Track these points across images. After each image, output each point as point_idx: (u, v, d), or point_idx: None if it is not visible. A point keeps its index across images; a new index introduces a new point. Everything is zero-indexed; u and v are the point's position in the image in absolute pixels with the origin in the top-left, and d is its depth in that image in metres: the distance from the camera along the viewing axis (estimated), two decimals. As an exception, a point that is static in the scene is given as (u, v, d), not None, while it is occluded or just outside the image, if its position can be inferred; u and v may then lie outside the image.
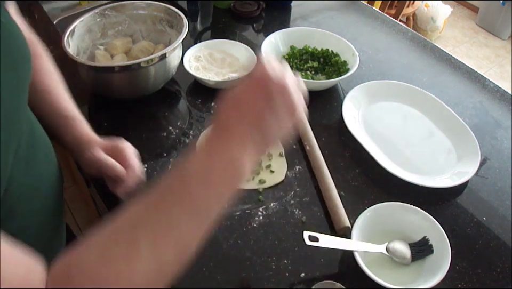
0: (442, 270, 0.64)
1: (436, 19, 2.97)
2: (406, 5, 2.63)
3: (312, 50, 1.05)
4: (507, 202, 0.79)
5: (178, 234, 0.41)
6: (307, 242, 0.64)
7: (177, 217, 0.42)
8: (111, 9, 0.99)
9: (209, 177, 0.44)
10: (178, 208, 0.42)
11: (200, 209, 0.43)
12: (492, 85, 1.05)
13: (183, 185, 0.43)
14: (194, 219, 0.43)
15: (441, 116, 0.92)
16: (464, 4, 3.48)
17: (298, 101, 0.50)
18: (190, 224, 0.42)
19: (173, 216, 0.41)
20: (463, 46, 3.12)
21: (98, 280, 0.37)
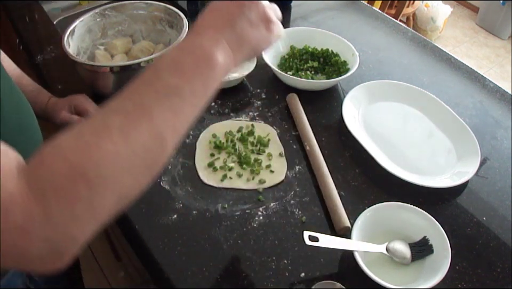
0: (442, 270, 0.64)
1: (436, 20, 2.97)
2: (406, 5, 2.63)
3: (312, 50, 1.05)
4: (507, 202, 0.79)
5: (150, 122, 0.41)
6: (307, 242, 0.64)
7: (149, 104, 0.42)
8: (111, 9, 0.99)
9: (180, 67, 0.45)
10: (151, 95, 0.43)
11: (173, 96, 0.43)
12: (491, 84, 1.05)
13: (156, 76, 0.44)
14: (166, 106, 0.43)
15: (441, 116, 0.92)
16: (464, 4, 3.48)
17: (272, 14, 0.54)
18: (162, 112, 0.42)
19: (144, 103, 0.42)
20: (463, 46, 3.12)
21: (70, 155, 0.38)
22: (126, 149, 0.40)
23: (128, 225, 0.73)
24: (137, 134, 0.40)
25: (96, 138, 0.39)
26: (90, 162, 0.38)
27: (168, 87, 0.44)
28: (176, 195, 0.77)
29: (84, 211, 0.38)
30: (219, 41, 0.48)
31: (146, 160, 0.42)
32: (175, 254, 0.69)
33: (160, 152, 0.43)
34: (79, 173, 0.37)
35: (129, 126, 0.40)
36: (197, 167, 0.82)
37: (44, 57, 1.04)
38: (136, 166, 0.41)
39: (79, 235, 0.38)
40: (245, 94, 0.98)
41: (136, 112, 0.41)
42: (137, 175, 0.42)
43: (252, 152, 0.85)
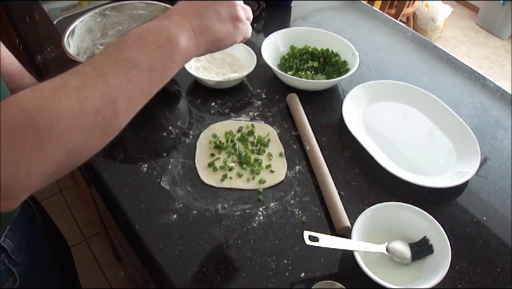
0: (442, 270, 0.64)
1: (436, 19, 2.97)
2: (406, 5, 2.63)
3: (312, 50, 1.05)
4: (507, 202, 0.79)
5: (105, 86, 0.45)
6: (307, 242, 0.64)
7: (107, 71, 0.45)
8: (111, 9, 0.99)
9: (143, 43, 0.48)
10: (110, 64, 0.46)
11: (130, 68, 0.46)
12: (491, 84, 1.05)
13: (118, 47, 0.48)
14: (123, 75, 0.46)
15: (441, 116, 0.92)
16: (464, 4, 3.48)
17: (242, 13, 0.58)
18: (118, 79, 0.46)
19: (103, 68, 0.46)
20: (463, 46, 3.12)
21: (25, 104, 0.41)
22: (78, 107, 0.43)
23: (128, 225, 0.73)
24: (90, 95, 0.44)
25: (53, 94, 0.42)
26: (43, 113, 0.41)
27: (128, 59, 0.47)
28: (176, 195, 0.77)
29: (31, 157, 0.41)
30: (185, 27, 0.51)
31: (96, 121, 0.44)
32: (175, 254, 0.69)
33: (111, 116, 0.46)
34: (31, 121, 0.40)
35: (85, 87, 0.44)
36: (197, 167, 0.82)
37: (44, 57, 1.04)
38: (86, 125, 0.44)
39: (24, 179, 0.41)
40: (245, 94, 0.98)
41: (93, 76, 0.45)
42: (86, 134, 0.44)
43: (252, 152, 0.85)
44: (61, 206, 1.92)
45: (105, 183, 0.79)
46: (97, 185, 0.81)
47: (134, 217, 0.73)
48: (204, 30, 0.53)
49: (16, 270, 0.73)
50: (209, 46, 0.55)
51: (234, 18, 0.56)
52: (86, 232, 1.84)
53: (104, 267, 1.73)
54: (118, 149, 0.84)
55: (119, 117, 0.47)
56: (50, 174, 0.43)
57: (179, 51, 0.51)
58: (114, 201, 0.76)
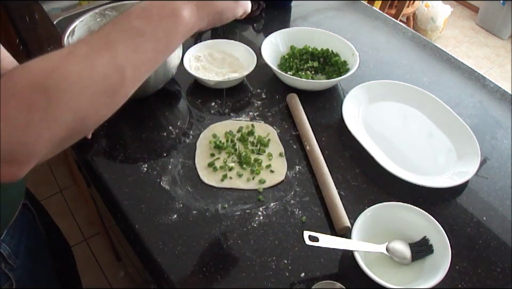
0: (442, 270, 0.64)
1: (436, 20, 2.97)
2: (406, 5, 2.63)
3: (312, 50, 1.05)
4: (507, 202, 0.79)
5: (113, 53, 0.46)
6: (307, 242, 0.64)
7: (114, 39, 0.47)
8: (111, 9, 0.99)
9: (148, 14, 0.50)
10: (117, 33, 0.48)
11: (136, 37, 0.48)
12: (491, 84, 1.05)
13: (125, 19, 0.49)
14: (129, 44, 0.48)
15: (441, 116, 0.92)
16: (464, 4, 3.48)
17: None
18: (125, 48, 0.47)
19: (111, 38, 0.47)
20: (463, 46, 3.12)
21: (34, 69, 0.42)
22: (86, 72, 0.44)
23: (128, 225, 0.73)
24: (99, 62, 0.45)
25: (61, 60, 0.44)
26: (52, 78, 0.42)
27: (134, 29, 0.49)
28: (176, 195, 0.77)
29: (39, 120, 0.41)
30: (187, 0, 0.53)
31: (104, 87, 0.46)
32: (175, 254, 0.69)
33: (118, 83, 0.47)
34: (40, 85, 0.41)
35: (92, 53, 0.45)
36: (197, 167, 0.82)
37: (44, 57, 1.04)
38: (94, 90, 0.45)
39: (33, 143, 0.42)
40: (245, 94, 0.98)
41: (100, 44, 0.46)
42: (94, 99, 0.45)
43: (252, 152, 0.85)
44: (61, 206, 1.92)
45: (105, 183, 0.79)
46: (97, 185, 0.81)
47: (134, 217, 0.73)
48: (206, 3, 0.56)
49: (13, 275, 0.73)
50: (212, 18, 0.57)
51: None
52: (86, 232, 1.84)
53: (104, 267, 1.73)
54: (118, 149, 0.84)
55: (126, 85, 0.48)
56: (58, 140, 0.44)
57: (182, 23, 0.53)
58: (114, 201, 0.76)
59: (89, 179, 0.87)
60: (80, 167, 0.98)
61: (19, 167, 0.43)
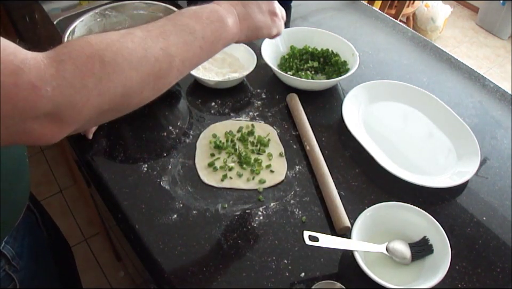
0: (442, 270, 0.64)
1: (436, 20, 2.97)
2: (406, 5, 2.63)
3: (312, 50, 1.05)
4: (507, 202, 0.79)
5: (166, 41, 0.51)
6: (307, 242, 0.64)
7: (168, 30, 0.52)
8: (111, 9, 0.99)
9: (198, 15, 0.56)
10: (170, 26, 0.53)
11: (187, 33, 0.54)
12: (491, 84, 1.05)
13: (177, 16, 0.56)
14: (181, 37, 0.53)
15: (441, 116, 0.92)
16: (464, 4, 3.48)
17: (279, 11, 0.68)
18: (177, 39, 0.52)
19: (165, 29, 0.52)
20: (463, 46, 3.12)
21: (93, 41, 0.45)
22: (141, 51, 0.48)
23: (128, 225, 0.73)
24: (153, 45, 0.50)
25: (120, 37, 0.48)
26: (110, 50, 0.46)
27: (186, 25, 0.54)
28: (176, 195, 0.77)
29: (92, 85, 0.44)
30: (232, 11, 0.60)
31: (154, 68, 0.50)
32: (175, 254, 0.69)
33: (166, 69, 0.51)
34: (98, 54, 0.45)
35: (148, 38, 0.50)
36: (197, 167, 0.82)
37: (44, 57, 1.04)
38: (145, 69, 0.49)
39: (81, 106, 0.44)
40: (245, 94, 0.98)
41: (156, 32, 0.51)
42: (144, 78, 0.49)
43: (252, 152, 0.85)
44: (61, 206, 1.92)
45: (105, 183, 0.79)
46: (97, 185, 0.81)
47: (134, 217, 0.73)
48: (247, 17, 0.62)
49: (16, 276, 0.73)
50: (250, 32, 0.64)
51: (272, 13, 0.66)
52: (86, 232, 1.84)
53: (104, 267, 1.73)
54: (118, 149, 0.84)
55: (172, 73, 0.53)
56: (102, 111, 0.47)
57: (227, 29, 0.59)
58: (114, 201, 0.76)
59: (89, 179, 0.87)
60: (80, 167, 0.98)
61: (61, 126, 0.44)
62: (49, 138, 0.45)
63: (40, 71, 0.41)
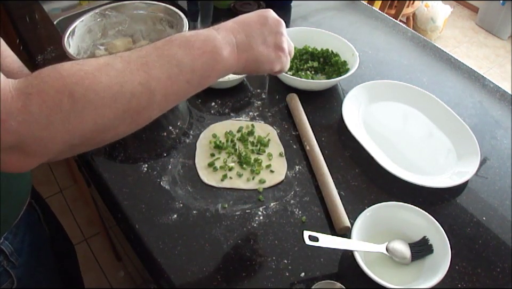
0: (442, 269, 0.64)
1: (436, 20, 2.97)
2: (406, 5, 2.63)
3: (312, 50, 1.05)
4: (507, 202, 0.79)
5: (146, 75, 0.46)
6: (307, 242, 0.64)
7: (151, 62, 0.47)
8: (111, 9, 0.99)
9: (190, 45, 0.51)
10: (155, 56, 0.48)
11: (173, 66, 0.49)
12: (491, 84, 1.05)
13: (166, 45, 0.50)
14: (165, 70, 0.48)
15: (441, 116, 0.92)
16: (464, 4, 3.48)
17: (286, 46, 0.61)
18: (160, 73, 0.47)
19: (148, 60, 0.47)
20: (463, 46, 3.12)
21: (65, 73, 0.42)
22: (116, 87, 0.44)
23: (128, 225, 0.73)
24: (131, 79, 0.45)
25: (96, 70, 0.44)
26: (82, 85, 0.42)
27: (172, 56, 0.49)
28: (176, 195, 0.77)
29: (59, 122, 0.41)
30: (230, 41, 0.54)
31: (130, 105, 0.46)
32: (175, 254, 0.69)
33: (145, 105, 0.47)
34: (68, 89, 0.41)
35: (127, 70, 0.45)
36: (197, 167, 0.82)
37: (44, 57, 1.04)
38: (120, 106, 0.45)
39: (48, 142, 0.42)
40: (245, 94, 0.98)
41: (137, 64, 0.47)
42: (118, 115, 0.45)
43: (252, 152, 0.85)
44: (61, 206, 1.92)
45: (105, 183, 0.79)
46: (97, 185, 0.81)
47: (134, 217, 0.73)
48: (248, 48, 0.56)
49: (15, 272, 0.73)
50: (249, 65, 0.57)
51: (278, 47, 0.59)
52: (86, 231, 1.84)
53: (104, 267, 1.73)
54: (118, 149, 0.84)
55: (152, 109, 0.49)
56: (72, 145, 0.44)
57: (221, 61, 0.53)
58: (114, 201, 0.76)
59: (89, 179, 0.87)
60: (80, 167, 0.98)
61: (27, 159, 0.43)
62: (18, 168, 0.43)
63: (6, 104, 0.39)
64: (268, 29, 0.58)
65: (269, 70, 0.61)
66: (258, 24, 0.58)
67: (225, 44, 0.53)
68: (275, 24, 0.60)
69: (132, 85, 0.45)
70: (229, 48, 0.54)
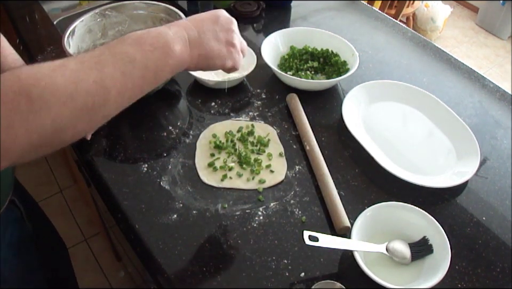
0: (442, 269, 0.64)
1: (436, 20, 2.97)
2: (406, 5, 2.63)
3: (312, 50, 1.05)
4: (507, 202, 0.79)
5: (100, 74, 0.48)
6: (307, 242, 0.64)
7: (105, 61, 0.49)
8: (111, 9, 0.99)
9: (141, 42, 0.52)
10: (108, 55, 0.50)
11: (126, 62, 0.50)
12: (491, 84, 1.05)
13: (118, 43, 0.52)
14: (118, 68, 0.49)
15: (441, 116, 0.92)
16: (464, 4, 3.48)
17: (238, 43, 0.64)
18: (113, 70, 0.49)
19: (101, 59, 0.49)
20: (463, 46, 3.12)
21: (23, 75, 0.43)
22: (72, 86, 0.45)
23: (128, 225, 0.73)
24: (85, 78, 0.46)
25: (50, 71, 0.45)
26: (38, 85, 0.43)
27: (124, 54, 0.50)
28: (176, 195, 0.77)
29: (19, 123, 0.42)
30: (182, 36, 0.56)
31: (86, 103, 0.47)
32: (175, 254, 0.69)
33: (101, 103, 0.48)
34: (25, 90, 0.42)
35: (81, 70, 0.47)
36: (197, 167, 0.82)
37: (44, 57, 1.04)
38: (76, 105, 0.46)
39: (9, 144, 0.42)
40: (245, 94, 0.98)
41: (90, 63, 0.48)
42: (75, 114, 0.46)
43: (252, 152, 0.85)
44: (61, 206, 1.92)
45: (105, 183, 0.79)
46: (97, 185, 0.81)
47: (134, 217, 0.73)
48: (199, 43, 0.58)
49: None
50: (201, 60, 0.59)
51: (229, 43, 0.62)
52: (86, 232, 1.84)
53: (104, 267, 1.73)
54: (118, 149, 0.84)
55: (108, 106, 0.49)
56: (33, 147, 0.44)
57: (173, 56, 0.54)
58: (114, 201, 0.76)
59: (89, 179, 0.87)
60: (80, 167, 0.98)
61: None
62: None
63: None
64: (219, 26, 0.61)
65: (220, 66, 0.63)
66: (210, 21, 0.60)
67: (177, 39, 0.55)
68: (226, 22, 0.62)
69: (86, 83, 0.46)
70: (181, 43, 0.55)
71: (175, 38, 0.55)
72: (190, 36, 0.57)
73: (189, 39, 0.57)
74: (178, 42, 0.55)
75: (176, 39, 0.55)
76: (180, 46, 0.55)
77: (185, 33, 0.57)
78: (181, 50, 0.55)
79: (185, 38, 0.56)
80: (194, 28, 0.58)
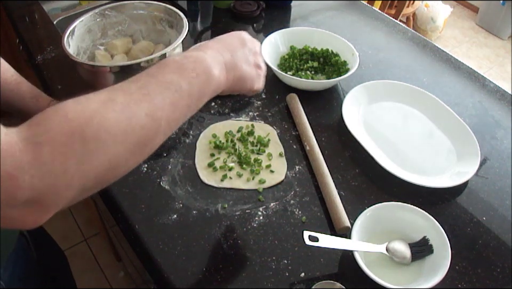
0: (442, 270, 0.64)
1: (436, 20, 2.97)
2: (406, 5, 2.63)
3: (312, 50, 1.05)
4: (507, 202, 0.79)
5: (151, 105, 0.46)
6: (307, 242, 0.64)
7: (152, 91, 0.47)
8: (111, 9, 0.99)
9: (183, 69, 0.51)
10: (153, 85, 0.48)
11: (172, 91, 0.48)
12: (491, 84, 1.05)
13: (160, 72, 0.50)
14: (166, 97, 0.47)
15: (441, 116, 0.92)
16: (464, 4, 3.48)
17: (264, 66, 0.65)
18: (162, 100, 0.47)
19: (148, 89, 0.47)
20: (463, 46, 3.12)
21: (71, 115, 0.40)
22: (125, 121, 0.43)
23: (128, 225, 0.73)
24: (137, 111, 0.44)
25: (101, 107, 0.42)
26: (91, 124, 0.41)
27: (170, 83, 0.48)
28: (176, 195, 0.77)
29: (74, 167, 0.40)
30: (218, 59, 0.55)
31: (140, 137, 0.45)
32: (175, 254, 0.69)
33: (153, 134, 0.47)
34: (77, 131, 0.40)
35: (132, 103, 0.44)
36: (197, 167, 0.82)
37: (44, 57, 1.04)
38: (130, 139, 0.44)
39: (64, 190, 0.40)
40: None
41: (139, 95, 0.46)
42: (130, 148, 0.44)
43: (252, 152, 0.85)
44: (60, 206, 1.92)
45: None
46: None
47: (134, 217, 0.73)
48: (234, 66, 0.58)
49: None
50: (235, 82, 0.59)
51: (258, 65, 0.63)
52: (86, 232, 1.84)
53: (104, 267, 1.73)
54: (118, 149, 0.84)
55: (158, 138, 0.48)
56: (86, 189, 0.43)
57: (213, 81, 0.54)
58: (114, 201, 0.76)
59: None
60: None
61: (43, 211, 0.41)
62: (31, 224, 0.41)
63: (15, 159, 0.37)
64: (248, 48, 0.62)
65: (249, 88, 0.63)
66: (239, 43, 0.61)
67: (215, 63, 0.54)
68: (253, 44, 0.64)
69: (139, 117, 0.44)
70: (219, 67, 0.55)
71: (213, 62, 0.54)
72: (226, 59, 0.57)
73: (225, 62, 0.56)
74: (216, 66, 0.54)
75: (214, 63, 0.54)
76: (218, 70, 0.54)
77: (221, 57, 0.56)
78: (219, 74, 0.55)
79: (222, 61, 0.56)
80: (228, 51, 0.58)
